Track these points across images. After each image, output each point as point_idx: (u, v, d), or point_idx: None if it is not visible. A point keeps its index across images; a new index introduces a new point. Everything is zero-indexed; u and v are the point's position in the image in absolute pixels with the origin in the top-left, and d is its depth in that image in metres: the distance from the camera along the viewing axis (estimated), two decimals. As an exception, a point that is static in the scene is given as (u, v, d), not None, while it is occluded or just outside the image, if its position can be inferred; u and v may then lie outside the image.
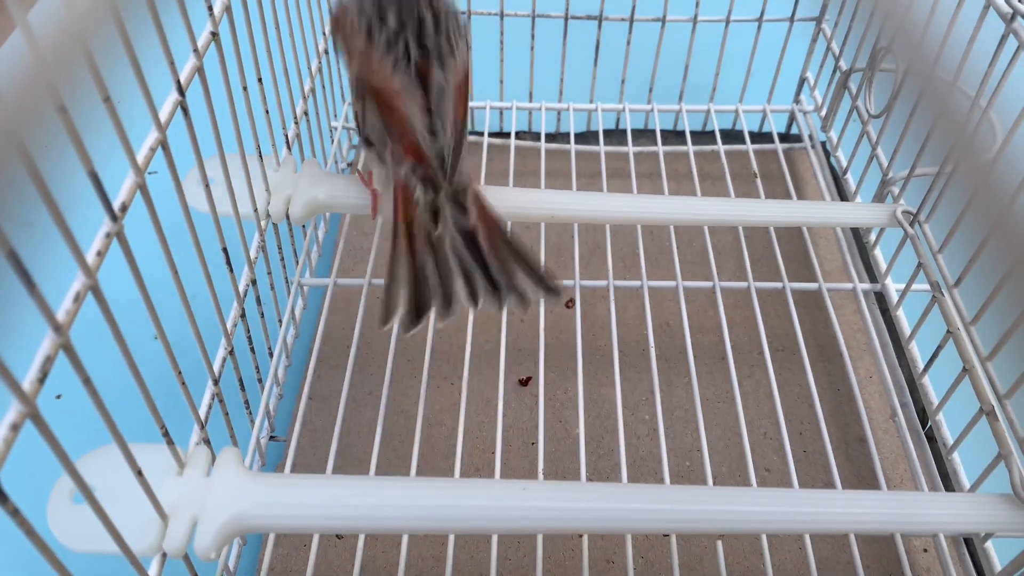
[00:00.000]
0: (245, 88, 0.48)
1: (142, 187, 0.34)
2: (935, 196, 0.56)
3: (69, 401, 0.47)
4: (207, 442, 0.43)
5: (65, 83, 0.24)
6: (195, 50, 0.40)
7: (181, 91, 0.38)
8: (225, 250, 0.45)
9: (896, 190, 0.61)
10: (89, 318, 0.31)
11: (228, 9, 0.45)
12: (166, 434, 0.38)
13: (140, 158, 0.35)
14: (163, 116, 0.37)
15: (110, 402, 0.31)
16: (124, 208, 0.33)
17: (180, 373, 0.39)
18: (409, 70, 0.47)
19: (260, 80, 0.51)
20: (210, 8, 0.42)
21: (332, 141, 0.74)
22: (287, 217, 0.55)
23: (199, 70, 0.40)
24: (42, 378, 0.27)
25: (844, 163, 0.73)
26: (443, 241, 0.45)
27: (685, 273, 0.65)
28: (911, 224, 0.57)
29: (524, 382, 0.62)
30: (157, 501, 0.37)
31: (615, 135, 0.80)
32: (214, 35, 0.42)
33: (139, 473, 0.35)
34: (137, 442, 0.36)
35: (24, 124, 0.21)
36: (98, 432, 0.33)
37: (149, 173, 0.35)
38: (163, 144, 0.36)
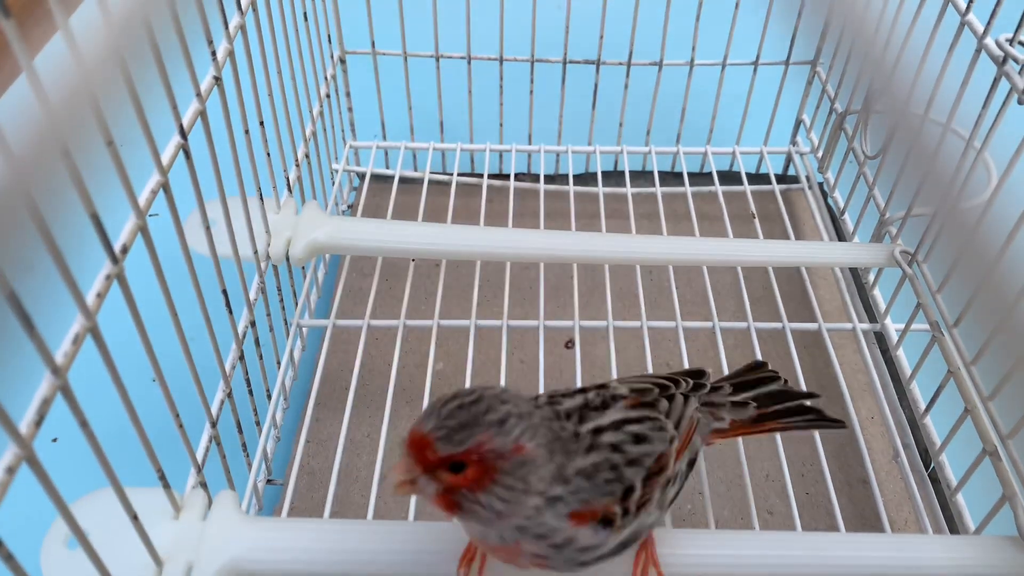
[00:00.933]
0: (247, 131, 0.49)
1: (143, 229, 0.34)
2: (932, 236, 0.56)
3: (65, 444, 0.46)
4: (204, 485, 0.42)
5: (71, 130, 0.24)
6: (198, 94, 0.41)
7: (183, 134, 0.39)
8: (225, 292, 0.45)
9: (894, 230, 0.61)
10: (88, 360, 0.31)
11: (231, 54, 0.45)
12: (162, 477, 0.38)
13: (141, 200, 0.35)
14: (165, 159, 0.37)
15: (107, 445, 0.31)
16: (125, 250, 0.33)
17: (178, 416, 0.39)
18: None
19: (262, 123, 0.52)
20: (213, 53, 0.42)
21: (333, 183, 0.75)
22: (287, 259, 0.55)
23: (202, 114, 0.41)
24: (39, 421, 0.27)
25: (841, 203, 0.73)
26: None
27: (685, 313, 0.65)
28: (909, 264, 0.57)
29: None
30: (152, 546, 0.36)
31: (613, 176, 0.81)
32: (217, 79, 0.43)
33: (135, 518, 0.35)
34: (133, 485, 0.36)
35: (32, 175, 0.21)
36: (94, 475, 0.33)
37: (150, 215, 0.35)
38: (164, 186, 0.37)
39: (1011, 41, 0.46)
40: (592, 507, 0.35)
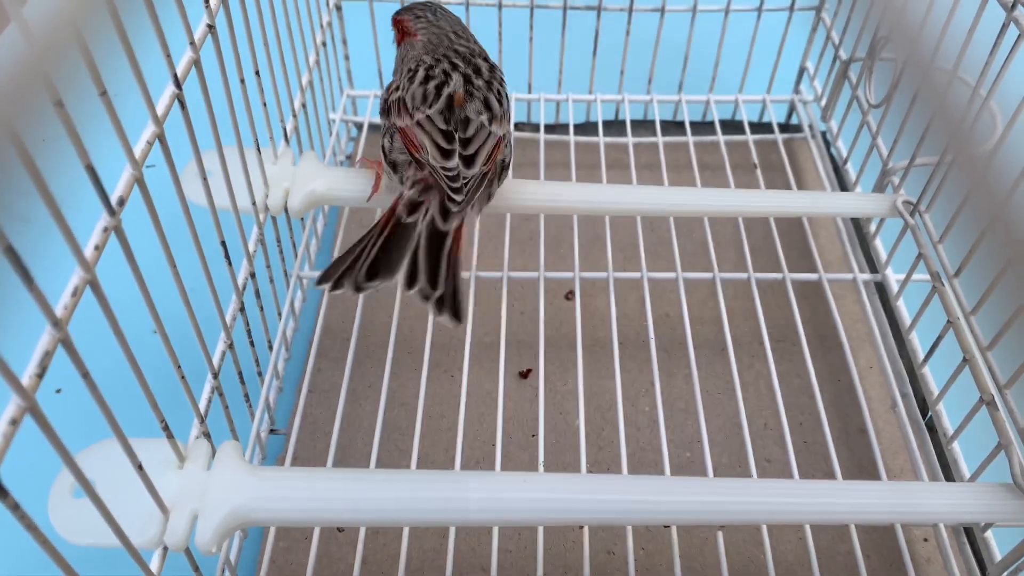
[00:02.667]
0: (243, 81, 0.48)
1: (139, 181, 0.34)
2: (935, 186, 0.56)
3: (68, 395, 0.47)
4: (207, 436, 0.43)
5: (62, 77, 0.24)
6: (192, 43, 0.40)
7: (178, 84, 0.38)
8: (224, 244, 0.45)
9: (896, 180, 0.61)
10: (88, 312, 0.31)
11: (224, 2, 0.44)
12: (166, 428, 0.38)
13: (137, 152, 0.34)
14: (160, 110, 0.37)
15: (109, 396, 0.31)
16: (122, 202, 0.33)
17: (179, 367, 0.39)
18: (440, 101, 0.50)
19: (257, 73, 0.51)
20: (206, 1, 0.41)
21: (331, 134, 0.74)
22: (286, 210, 0.55)
23: (196, 63, 0.40)
24: (41, 373, 0.27)
25: (844, 153, 0.73)
26: (413, 228, 0.46)
27: (685, 264, 0.65)
28: (911, 214, 0.57)
29: (524, 374, 0.62)
30: (158, 495, 0.37)
31: (615, 126, 0.80)
32: (211, 28, 0.42)
33: (139, 467, 0.35)
34: (137, 436, 0.36)
35: (19, 116, 0.21)
36: (98, 426, 0.33)
37: (147, 167, 0.34)
38: (160, 138, 0.36)
39: (1021, -14, 0.45)
40: None
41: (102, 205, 0.31)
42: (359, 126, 0.79)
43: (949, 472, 0.53)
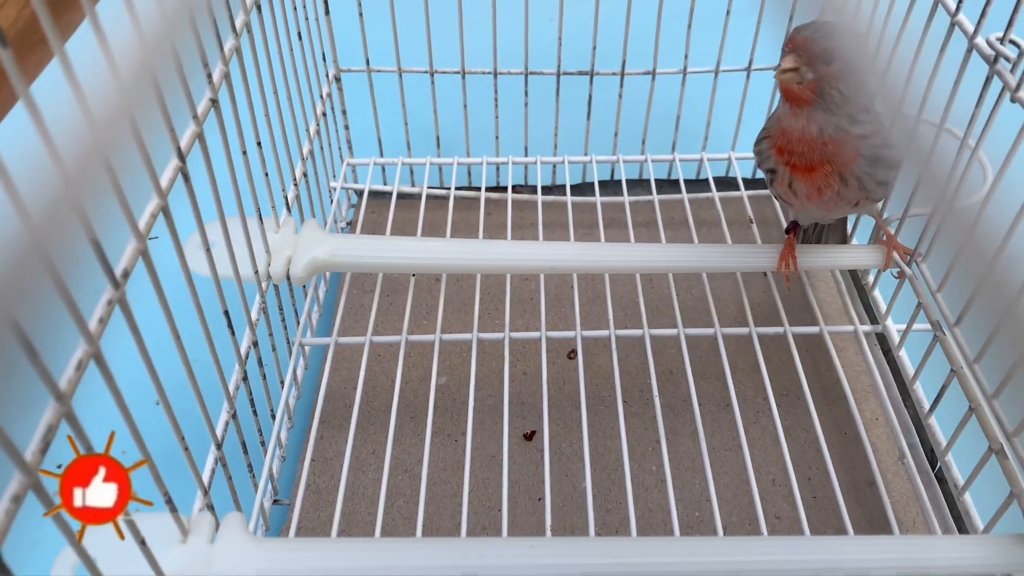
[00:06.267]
0: (244, 152, 0.49)
1: (144, 253, 0.35)
2: (931, 236, 0.56)
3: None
4: (211, 508, 0.42)
5: (83, 185, 0.24)
6: (195, 116, 0.41)
7: (181, 157, 0.39)
8: (227, 313, 0.45)
9: (892, 231, 0.61)
10: (91, 385, 0.31)
11: (227, 76, 0.46)
12: (169, 501, 0.38)
13: (141, 224, 0.35)
14: (164, 182, 0.37)
15: (113, 470, 0.31)
16: (126, 274, 0.33)
17: (183, 438, 0.39)
18: None
19: (259, 144, 0.52)
20: (209, 76, 0.43)
21: (331, 201, 0.75)
22: (288, 278, 0.55)
23: (199, 136, 0.41)
24: (44, 448, 0.27)
25: (838, 206, 0.73)
26: None
27: (686, 320, 0.65)
28: (908, 264, 0.57)
29: (529, 436, 0.61)
30: (160, 571, 0.36)
31: (611, 186, 0.81)
32: (213, 102, 0.43)
33: (142, 543, 0.34)
34: (140, 510, 0.36)
35: (49, 228, 0.21)
36: (101, 501, 0.33)
37: (150, 238, 0.35)
38: (164, 209, 0.37)
39: (1001, 40, 0.46)
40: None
41: (106, 278, 0.31)
42: (359, 193, 0.80)
43: (962, 523, 0.52)
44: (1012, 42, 0.46)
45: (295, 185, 0.62)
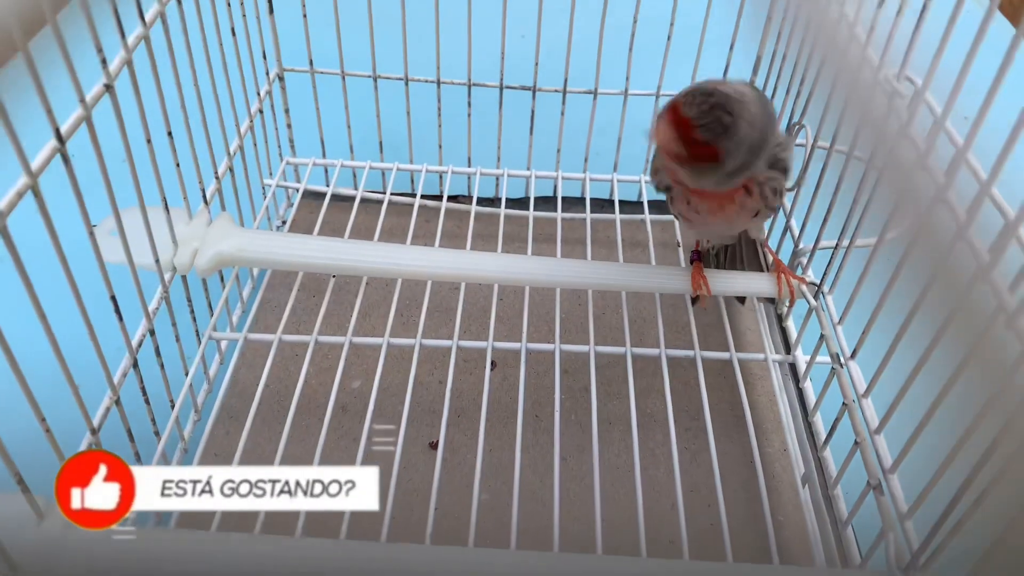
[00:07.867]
0: (149, 141, 0.49)
1: (3, 230, 0.35)
2: (836, 268, 0.57)
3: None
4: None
5: None
6: (82, 100, 0.41)
7: (60, 139, 0.39)
8: (113, 298, 0.45)
9: (805, 261, 0.62)
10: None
11: (129, 64, 0.46)
12: (20, 481, 0.38)
13: (3, 202, 0.35)
14: (38, 162, 0.37)
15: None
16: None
17: (44, 419, 0.39)
18: None
19: (170, 135, 0.52)
20: (104, 61, 0.43)
21: (264, 198, 0.75)
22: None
23: (87, 120, 0.41)
24: None
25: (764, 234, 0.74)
26: None
27: (599, 338, 0.65)
28: (815, 296, 0.58)
29: (434, 445, 0.61)
30: (10, 558, 0.36)
31: (550, 202, 0.81)
32: (108, 87, 0.43)
33: None
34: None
35: None
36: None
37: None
38: (33, 189, 0.37)
39: (897, 77, 0.47)
40: None
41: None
42: (297, 192, 0.80)
43: (846, 556, 0.52)
44: (908, 79, 0.46)
45: (217, 179, 0.62)
